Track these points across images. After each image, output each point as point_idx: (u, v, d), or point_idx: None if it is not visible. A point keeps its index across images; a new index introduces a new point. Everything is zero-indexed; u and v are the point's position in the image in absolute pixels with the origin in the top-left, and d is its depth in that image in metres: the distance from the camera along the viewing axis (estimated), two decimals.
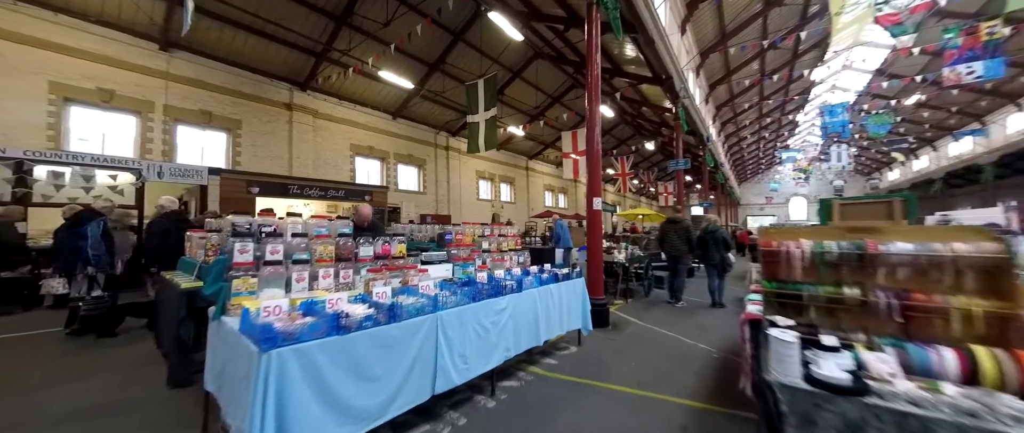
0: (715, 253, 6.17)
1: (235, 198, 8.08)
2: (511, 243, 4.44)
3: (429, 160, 16.49)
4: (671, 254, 6.40)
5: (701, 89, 14.61)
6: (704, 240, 6.25)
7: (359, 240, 2.88)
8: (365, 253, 2.81)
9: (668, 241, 6.41)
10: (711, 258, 6.18)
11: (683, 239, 6.29)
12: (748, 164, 36.09)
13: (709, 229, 6.32)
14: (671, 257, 6.44)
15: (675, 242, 6.32)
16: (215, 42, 10.17)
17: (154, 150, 9.55)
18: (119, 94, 9.10)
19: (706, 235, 6.26)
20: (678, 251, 6.28)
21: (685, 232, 6.33)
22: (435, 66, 12.98)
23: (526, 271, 3.69)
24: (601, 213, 4.93)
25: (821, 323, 1.62)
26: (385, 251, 2.96)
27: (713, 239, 6.20)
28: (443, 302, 2.30)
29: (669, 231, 6.47)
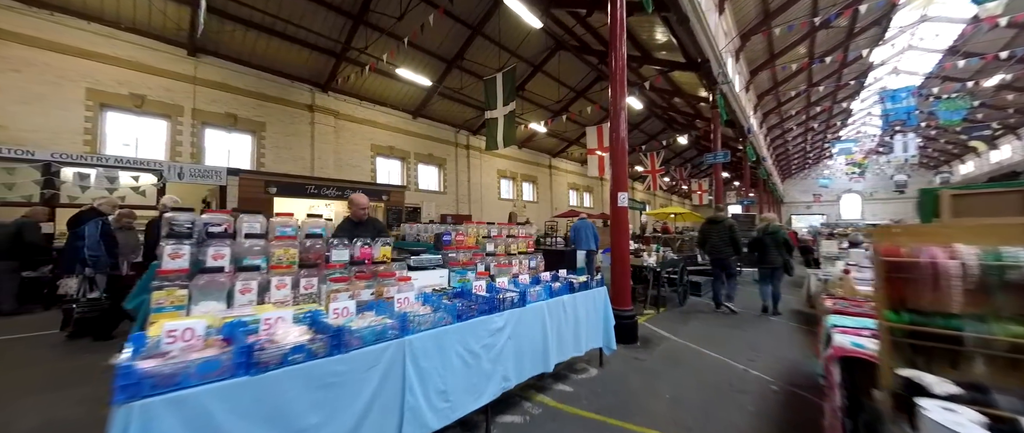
0: (776, 256, 5.46)
1: (254, 198, 8.07)
2: (522, 245, 3.89)
3: (450, 159, 16.23)
4: (714, 257, 5.76)
5: (741, 76, 13.36)
6: (762, 242, 5.56)
7: (334, 242, 2.44)
8: (339, 257, 2.36)
9: (710, 243, 5.78)
10: (771, 261, 5.48)
11: (727, 240, 5.64)
12: (793, 159, 33.35)
13: (770, 229, 5.61)
14: (714, 260, 5.80)
15: (718, 244, 5.68)
16: (239, 46, 10.33)
17: (183, 153, 9.80)
18: (150, 99, 9.38)
19: (766, 236, 5.56)
20: (722, 254, 5.64)
21: (729, 233, 5.65)
22: (453, 62, 12.64)
23: (536, 279, 3.13)
24: (627, 211, 4.27)
25: (997, 382, 0.96)
26: (364, 255, 2.50)
27: (774, 240, 5.49)
28: (416, 323, 1.78)
29: (710, 232, 5.82)
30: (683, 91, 13.44)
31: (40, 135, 8.06)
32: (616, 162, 4.27)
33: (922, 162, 31.22)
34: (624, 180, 4.26)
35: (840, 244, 9.38)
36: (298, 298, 2.07)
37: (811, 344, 4.07)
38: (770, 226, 5.71)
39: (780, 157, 29.88)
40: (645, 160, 19.72)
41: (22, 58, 7.92)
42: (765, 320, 5.37)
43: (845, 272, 3.03)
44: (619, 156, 4.27)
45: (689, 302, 6.35)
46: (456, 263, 3.02)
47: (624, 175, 4.26)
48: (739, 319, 5.38)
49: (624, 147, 4.28)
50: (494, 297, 2.22)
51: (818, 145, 30.45)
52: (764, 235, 5.62)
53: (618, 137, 4.29)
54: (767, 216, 6.11)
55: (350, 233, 2.60)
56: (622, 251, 4.21)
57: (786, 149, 28.68)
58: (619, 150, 4.27)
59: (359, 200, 3.28)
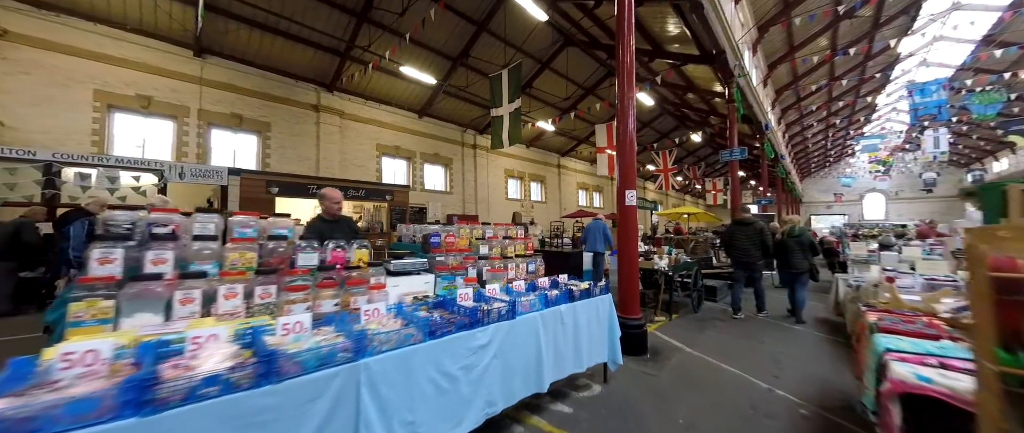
0: (801, 260, 5.13)
1: (255, 198, 7.97)
2: (520, 247, 3.58)
3: (456, 159, 16.02)
4: (741, 261, 5.38)
5: (758, 70, 12.77)
6: (786, 244, 5.23)
7: (302, 244, 2.18)
8: (306, 262, 2.10)
9: (737, 246, 5.39)
10: (797, 265, 5.13)
11: (756, 243, 5.27)
12: (813, 157, 32.15)
13: (794, 232, 5.26)
14: (741, 264, 5.42)
15: (746, 247, 5.31)
16: (244, 46, 10.30)
17: (189, 153, 9.81)
18: (157, 100, 9.40)
19: (790, 238, 5.22)
20: (750, 258, 5.28)
21: (759, 235, 5.28)
22: (459, 60, 12.41)
23: (532, 285, 2.82)
24: (636, 210, 3.93)
25: None
26: (336, 259, 2.23)
27: (798, 243, 5.15)
28: (375, 342, 1.50)
29: (738, 234, 5.43)
30: (697, 86, 12.92)
31: (49, 137, 8.12)
32: (624, 158, 3.93)
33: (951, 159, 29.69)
34: (632, 177, 3.91)
35: (869, 246, 8.78)
36: (253, 309, 1.81)
37: (845, 360, 3.66)
38: (795, 228, 5.35)
39: (799, 155, 28.81)
40: (657, 159, 19.19)
41: (32, 60, 7.99)
42: (787, 328, 4.94)
43: (887, 279, 2.64)
44: (627, 152, 3.93)
45: (704, 308, 5.94)
46: (444, 268, 2.74)
47: (632, 172, 3.91)
48: (759, 327, 4.96)
49: (632, 142, 3.94)
50: (477, 309, 1.92)
51: (839, 142, 29.26)
52: (788, 238, 5.26)
53: (626, 130, 3.95)
54: (790, 217, 5.70)
55: (322, 233, 2.34)
56: (630, 254, 3.86)
57: (805, 147, 27.63)
58: (627, 145, 3.93)
59: (332, 194, 3.01)
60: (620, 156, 3.95)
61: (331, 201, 3.01)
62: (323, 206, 2.99)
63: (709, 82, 12.33)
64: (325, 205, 3.00)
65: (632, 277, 3.84)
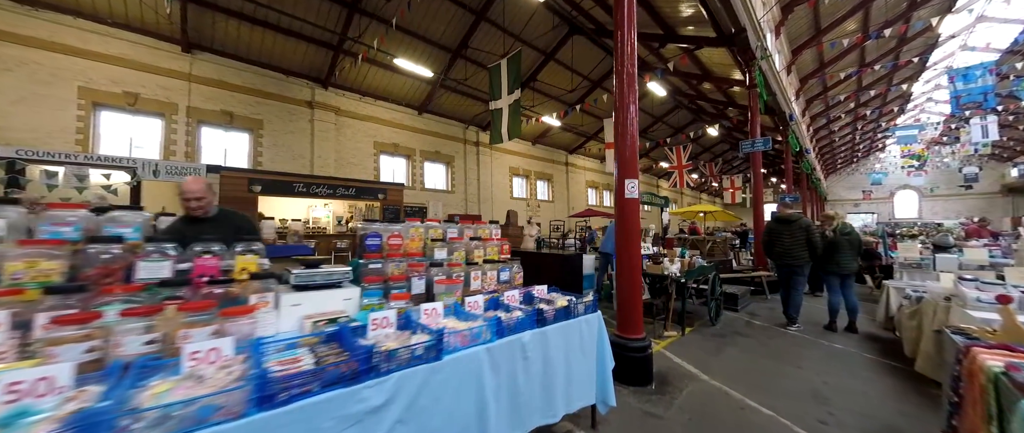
0: (852, 260, 4.54)
1: (236, 197, 7.52)
2: (493, 251, 2.90)
3: (458, 157, 15.44)
4: (786, 264, 4.75)
5: (781, 54, 11.73)
6: (838, 243, 4.57)
7: (151, 249, 1.56)
8: (149, 273, 1.48)
9: (781, 246, 4.77)
10: (847, 266, 4.50)
11: (802, 242, 4.64)
12: (839, 152, 30.35)
13: (844, 229, 4.60)
14: (785, 267, 4.79)
15: (791, 247, 4.68)
16: (234, 41, 9.95)
17: (177, 152, 9.50)
18: (144, 97, 9.10)
19: (841, 236, 4.58)
20: (796, 259, 4.67)
21: (805, 232, 4.68)
22: (458, 52, 11.82)
23: (495, 301, 2.14)
24: (638, 204, 3.20)
25: None
26: (203, 269, 1.61)
27: (849, 242, 4.53)
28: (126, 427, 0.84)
29: (781, 233, 4.79)
30: (713, 74, 11.97)
31: (33, 135, 7.88)
32: (625, 139, 3.21)
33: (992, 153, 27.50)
34: (634, 163, 3.18)
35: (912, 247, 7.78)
36: (39, 347, 1.19)
37: (913, 395, 2.84)
38: (843, 225, 4.64)
39: (824, 150, 27.18)
40: (670, 155, 18.20)
41: (14, 57, 7.75)
42: (827, 347, 4.10)
43: (1001, 299, 1.84)
44: (628, 132, 3.20)
45: (724, 319, 5.13)
46: (376, 278, 2.08)
47: (634, 157, 3.18)
48: (790, 345, 4.14)
49: (634, 119, 3.21)
50: (371, 350, 1.25)
51: (869, 136, 27.48)
52: (840, 235, 4.57)
53: (625, 106, 3.22)
54: (834, 212, 4.90)
55: (186, 238, 1.70)
56: (631, 258, 3.13)
57: (831, 141, 26.01)
58: (628, 124, 3.20)
59: (188, 187, 2.19)
60: (620, 138, 3.22)
61: (186, 195, 2.19)
62: (185, 202, 2.22)
63: (727, 69, 11.37)
64: (182, 202, 2.23)
65: (633, 287, 3.11)
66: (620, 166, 3.20)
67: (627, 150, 3.18)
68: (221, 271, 1.70)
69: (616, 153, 3.25)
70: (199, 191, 2.17)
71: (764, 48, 8.12)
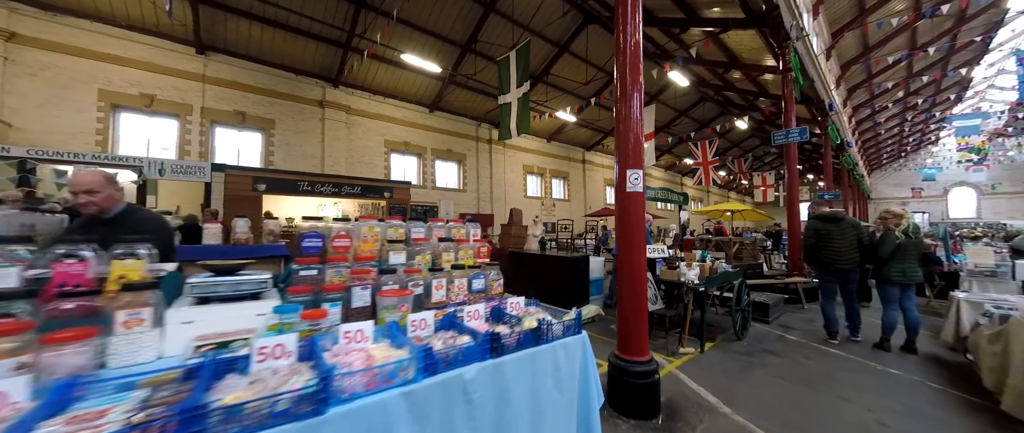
0: (917, 268, 3.91)
1: (240, 196, 7.48)
2: (468, 255, 2.48)
3: (470, 154, 15.13)
4: (840, 269, 4.17)
5: (820, 38, 10.67)
6: (903, 249, 3.90)
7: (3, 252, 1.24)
8: None
9: (831, 249, 4.18)
10: (911, 275, 3.85)
11: (854, 244, 4.12)
12: (885, 146, 27.95)
13: (912, 230, 3.93)
14: (838, 273, 4.21)
15: (842, 249, 4.13)
16: (246, 41, 10.03)
17: (192, 152, 9.65)
18: (160, 98, 9.29)
19: (910, 239, 3.93)
20: (847, 263, 4.13)
21: (855, 231, 4.19)
22: (468, 47, 11.47)
23: (449, 319, 1.72)
24: (642, 199, 2.68)
25: None
26: (65, 277, 1.27)
27: (916, 246, 3.91)
28: None
29: (831, 233, 4.20)
30: (741, 61, 11.06)
31: (54, 137, 8.15)
32: (626, 124, 2.70)
33: None
34: (638, 151, 2.67)
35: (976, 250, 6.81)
36: None
37: None
38: (910, 226, 3.93)
39: (868, 144, 25.07)
40: (695, 151, 17.19)
41: (38, 62, 8.04)
42: (879, 369, 3.42)
43: None
44: (630, 114, 2.69)
45: (751, 333, 4.48)
46: (304, 289, 1.69)
47: (638, 143, 2.67)
48: (833, 367, 3.49)
49: (638, 98, 2.69)
50: (197, 408, 0.85)
51: (920, 128, 25.11)
52: (911, 237, 3.89)
53: (628, 82, 2.71)
54: (899, 210, 4.11)
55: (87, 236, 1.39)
56: (634, 263, 2.62)
57: (876, 135, 23.94)
58: (629, 102, 2.69)
59: (77, 179, 1.85)
60: (622, 121, 2.72)
61: (74, 190, 1.85)
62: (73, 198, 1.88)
63: (757, 54, 10.46)
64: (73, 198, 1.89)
65: (636, 298, 2.60)
66: (621, 154, 2.70)
67: (631, 134, 2.67)
68: (92, 280, 1.37)
69: (617, 138, 2.74)
70: (89, 184, 1.84)
71: (800, 27, 7.28)
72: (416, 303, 1.98)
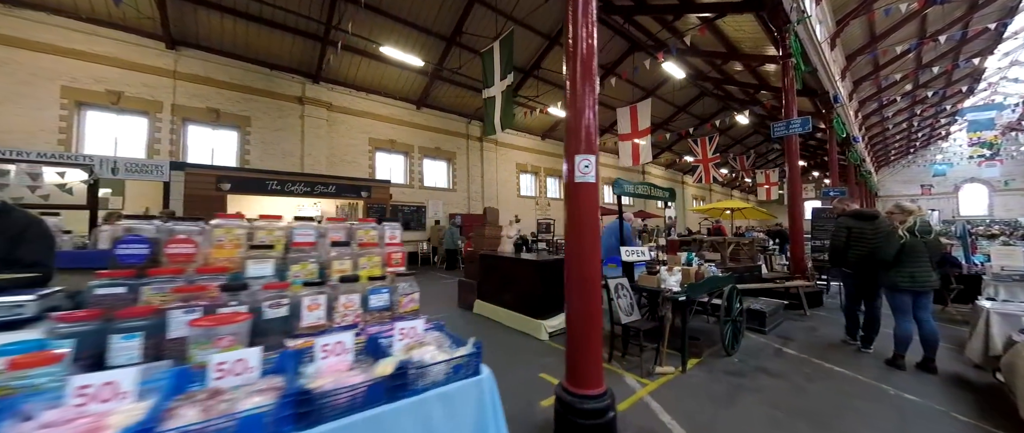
0: (930, 272, 3.35)
1: (203, 196, 7.04)
2: (374, 263, 1.98)
3: (460, 153, 14.64)
4: (868, 268, 3.77)
5: (824, 25, 10.07)
6: (914, 247, 3.38)
7: None
8: None
9: (862, 246, 3.76)
10: (922, 281, 3.32)
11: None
12: (893, 142, 27.13)
13: (924, 229, 3.42)
14: (864, 275, 3.84)
15: (882, 247, 3.61)
16: (219, 35, 9.60)
17: (162, 151, 9.24)
18: (127, 95, 8.89)
19: (920, 238, 3.41)
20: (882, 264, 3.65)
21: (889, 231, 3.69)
22: (453, 40, 10.99)
23: (291, 358, 1.21)
24: (595, 190, 2.17)
25: None
26: None
27: (928, 246, 3.37)
28: None
29: (864, 232, 3.80)
30: (741, 51, 10.48)
31: (13, 136, 7.77)
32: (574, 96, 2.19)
33: None
34: (590, 133, 2.15)
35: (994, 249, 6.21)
36: None
37: None
38: (924, 223, 3.42)
39: (875, 140, 24.29)
40: (695, 148, 16.60)
41: None
42: (893, 394, 2.88)
43: None
44: (581, 85, 2.17)
45: (745, 346, 3.94)
46: (86, 315, 1.20)
47: (590, 123, 2.15)
48: (842, 390, 2.95)
49: (590, 56, 2.18)
50: None
51: (929, 122, 24.30)
52: (919, 236, 3.38)
53: (581, 39, 2.20)
54: (907, 205, 3.59)
55: None
56: (585, 275, 2.11)
57: (883, 130, 23.16)
58: (579, 66, 2.18)
59: None
60: (571, 94, 2.20)
61: None
62: None
63: (758, 44, 9.89)
64: None
65: (589, 315, 2.08)
66: (570, 136, 2.18)
67: (581, 109, 2.16)
68: None
69: (567, 117, 2.23)
70: None
71: (801, 9, 6.72)
72: (271, 329, 1.48)
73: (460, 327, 4.68)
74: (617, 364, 3.42)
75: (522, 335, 4.36)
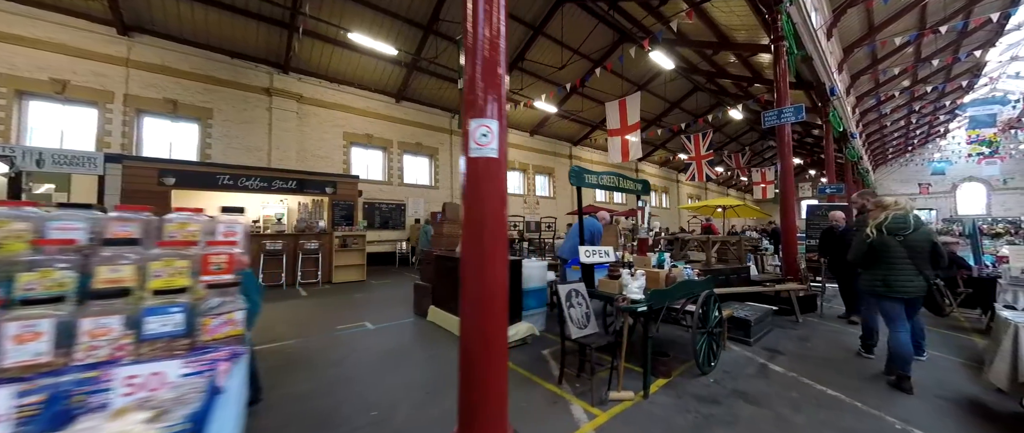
0: (914, 275, 2.89)
1: (142, 191, 6.44)
2: (177, 272, 1.39)
3: (442, 149, 14.04)
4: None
5: (819, 13, 9.54)
6: (886, 246, 2.96)
7: None
8: None
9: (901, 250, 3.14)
10: (899, 287, 2.90)
11: None
12: (890, 140, 26.66)
13: (896, 224, 2.97)
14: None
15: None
16: (177, 21, 8.98)
17: (113, 144, 8.62)
18: (74, 84, 8.26)
19: (891, 235, 2.97)
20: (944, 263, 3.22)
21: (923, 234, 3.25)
22: (430, 28, 10.40)
23: None
24: (498, 168, 1.59)
25: None
26: None
27: (905, 245, 2.90)
28: None
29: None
30: (731, 40, 9.94)
31: None
32: (473, 50, 1.61)
33: None
34: (494, 85, 1.57)
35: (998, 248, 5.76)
36: None
37: None
38: (899, 218, 2.94)
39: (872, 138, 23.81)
40: (688, 145, 16.07)
41: None
42: (896, 427, 2.32)
43: None
44: (484, 33, 1.59)
45: (724, 362, 3.38)
46: None
47: (494, 75, 1.58)
48: (836, 421, 2.39)
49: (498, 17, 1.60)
50: None
51: (928, 119, 23.83)
52: (887, 234, 2.90)
53: None
54: (882, 199, 3.10)
55: None
56: (485, 283, 1.53)
57: (881, 128, 22.68)
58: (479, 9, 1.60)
59: None
60: (470, 49, 1.63)
61: None
62: None
63: (751, 33, 9.35)
64: None
65: (487, 339, 1.51)
66: (467, 92, 1.61)
67: (478, 49, 1.58)
68: None
69: (466, 67, 1.66)
70: None
71: None
72: None
73: (410, 338, 4.10)
74: (568, 387, 2.86)
75: None
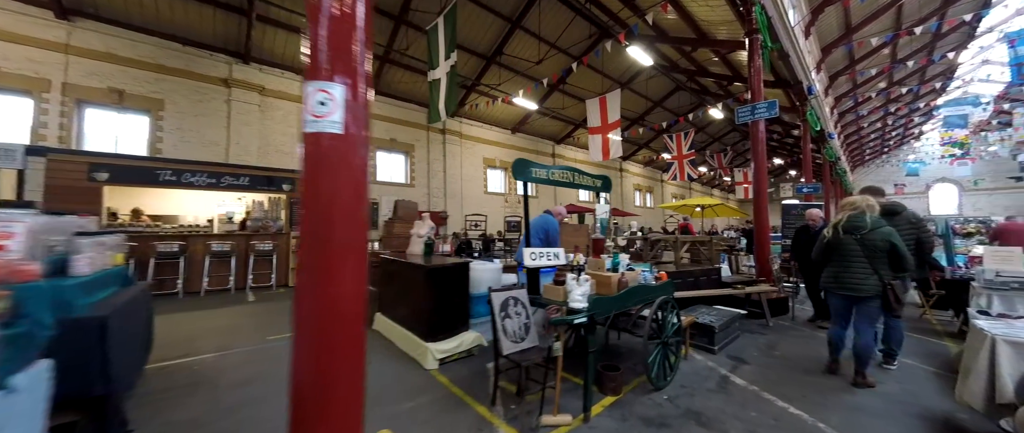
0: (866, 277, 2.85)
1: (70, 187, 5.85)
2: None
3: (419, 145, 13.58)
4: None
5: (796, 10, 9.42)
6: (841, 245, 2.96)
7: None
8: None
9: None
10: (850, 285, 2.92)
11: (910, 245, 3.31)
12: (867, 141, 27.18)
13: (853, 224, 2.88)
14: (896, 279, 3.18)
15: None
16: (122, 5, 8.33)
17: (49, 136, 7.93)
18: (5, 71, 7.56)
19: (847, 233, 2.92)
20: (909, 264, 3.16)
21: (915, 229, 3.42)
22: (400, 19, 9.96)
23: None
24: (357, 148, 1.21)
25: None
26: None
27: (862, 244, 2.83)
28: None
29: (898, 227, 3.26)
30: (709, 37, 9.76)
31: None
32: None
33: None
34: (344, 41, 1.19)
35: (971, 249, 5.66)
36: None
37: None
38: (854, 217, 2.85)
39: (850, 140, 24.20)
40: (670, 144, 15.95)
41: None
42: None
43: None
44: None
45: (682, 375, 3.07)
46: None
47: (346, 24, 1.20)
48: None
49: None
50: None
51: (904, 120, 24.33)
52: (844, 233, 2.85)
53: None
54: (850, 199, 2.92)
55: None
56: (328, 298, 1.15)
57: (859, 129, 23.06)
58: None
59: None
60: None
61: None
62: None
63: (730, 28, 9.16)
64: None
65: (332, 377, 1.13)
66: (313, 54, 1.22)
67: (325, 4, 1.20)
68: None
69: (308, 18, 1.27)
70: None
71: None
72: None
73: None
74: (501, 409, 2.49)
75: (410, 361, 3.40)
